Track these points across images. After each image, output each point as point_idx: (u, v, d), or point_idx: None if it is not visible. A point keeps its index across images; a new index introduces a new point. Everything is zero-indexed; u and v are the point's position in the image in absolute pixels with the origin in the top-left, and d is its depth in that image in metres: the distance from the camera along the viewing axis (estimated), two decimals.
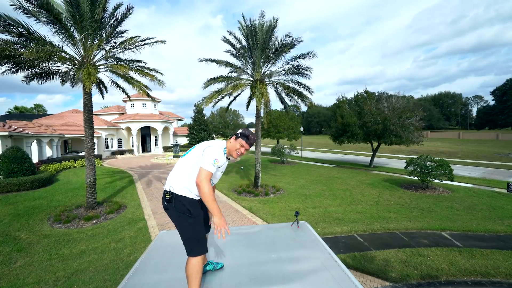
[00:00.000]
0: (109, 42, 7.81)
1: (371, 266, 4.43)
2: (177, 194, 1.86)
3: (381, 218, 6.96)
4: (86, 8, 6.96)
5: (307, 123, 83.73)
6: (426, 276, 4.13)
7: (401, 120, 13.84)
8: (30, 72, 7.75)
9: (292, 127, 30.20)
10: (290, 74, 10.57)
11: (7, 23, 6.23)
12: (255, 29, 9.65)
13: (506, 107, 63.15)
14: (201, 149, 1.92)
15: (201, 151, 1.90)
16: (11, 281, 4.31)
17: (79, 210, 7.93)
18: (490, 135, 44.19)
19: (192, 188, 1.88)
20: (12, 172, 10.83)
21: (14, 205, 8.55)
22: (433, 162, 9.35)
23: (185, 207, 1.86)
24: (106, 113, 31.96)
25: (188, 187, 1.88)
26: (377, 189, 10.27)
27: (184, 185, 1.88)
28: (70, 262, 4.90)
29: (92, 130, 7.87)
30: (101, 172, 15.35)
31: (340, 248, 5.20)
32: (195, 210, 1.90)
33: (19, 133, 13.91)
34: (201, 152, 1.90)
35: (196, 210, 1.91)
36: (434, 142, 36.35)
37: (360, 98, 17.09)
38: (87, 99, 7.68)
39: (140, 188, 11.28)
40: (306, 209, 7.92)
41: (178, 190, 1.87)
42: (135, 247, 5.48)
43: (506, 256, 4.64)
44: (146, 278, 1.94)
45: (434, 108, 76.82)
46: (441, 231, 5.93)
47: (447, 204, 8.11)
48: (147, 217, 7.36)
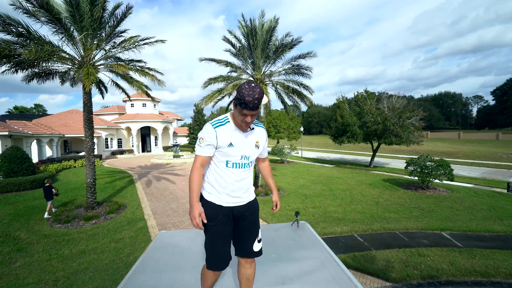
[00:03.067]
0: (108, 41, 7.80)
1: (371, 266, 4.43)
2: (201, 194, 1.69)
3: (381, 218, 6.96)
4: (85, 7, 6.95)
5: (307, 123, 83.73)
6: (426, 276, 4.12)
7: (401, 120, 13.84)
8: (30, 72, 7.74)
9: (292, 127, 30.21)
10: (290, 74, 10.55)
11: (7, 22, 6.22)
12: (255, 29, 9.64)
13: (506, 107, 63.16)
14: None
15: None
16: (11, 281, 4.30)
17: (79, 210, 7.92)
18: (490, 135, 44.15)
19: (207, 187, 1.69)
20: (12, 172, 10.82)
21: (14, 205, 8.54)
22: (433, 162, 9.34)
23: (204, 210, 1.63)
24: (106, 113, 31.96)
25: (204, 186, 1.70)
26: (377, 189, 10.26)
27: (203, 184, 1.70)
28: (69, 262, 4.90)
29: (92, 130, 7.86)
30: (101, 172, 15.34)
31: (340, 248, 5.19)
32: (210, 215, 1.60)
33: (19, 133, 13.90)
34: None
35: (212, 215, 1.61)
36: (434, 142, 36.36)
37: (360, 98, 17.09)
38: (87, 99, 7.68)
39: (140, 188, 11.27)
40: (306, 209, 7.92)
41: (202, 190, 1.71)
42: (135, 247, 5.47)
43: (506, 256, 4.64)
44: (146, 278, 1.93)
45: (434, 108, 76.88)
46: (441, 231, 5.93)
47: (447, 204, 8.10)
48: (147, 217, 7.35)
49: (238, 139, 1.61)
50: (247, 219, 1.74)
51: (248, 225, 1.74)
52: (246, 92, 1.39)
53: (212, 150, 1.58)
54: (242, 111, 1.45)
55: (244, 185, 1.68)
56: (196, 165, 1.60)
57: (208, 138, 1.55)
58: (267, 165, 2.01)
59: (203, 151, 1.58)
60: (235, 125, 1.60)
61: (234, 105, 1.51)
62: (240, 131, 1.61)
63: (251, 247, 1.72)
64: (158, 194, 10.16)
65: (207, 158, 1.61)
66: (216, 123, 1.58)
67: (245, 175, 1.68)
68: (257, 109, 1.44)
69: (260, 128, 1.74)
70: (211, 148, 1.58)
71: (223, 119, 1.61)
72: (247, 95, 1.38)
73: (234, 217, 1.69)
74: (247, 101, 1.39)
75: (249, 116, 1.47)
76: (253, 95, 1.39)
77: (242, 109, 1.44)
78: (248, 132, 1.65)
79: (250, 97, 1.39)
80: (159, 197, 9.69)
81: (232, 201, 1.66)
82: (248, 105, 1.40)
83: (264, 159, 1.97)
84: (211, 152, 1.60)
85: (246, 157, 1.65)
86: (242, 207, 1.70)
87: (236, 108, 1.50)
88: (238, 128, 1.60)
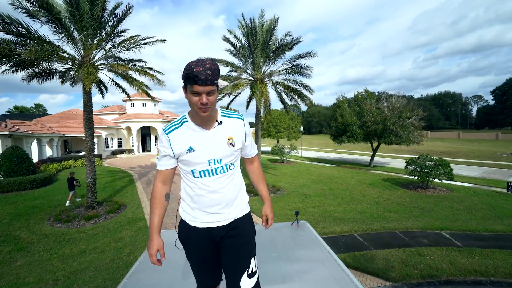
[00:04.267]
0: (109, 41, 7.80)
1: (371, 266, 4.43)
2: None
3: (381, 217, 6.96)
4: (85, 7, 6.94)
5: (307, 123, 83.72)
6: (426, 276, 4.13)
7: (401, 120, 13.84)
8: (30, 72, 7.74)
9: (292, 126, 30.22)
10: (290, 74, 10.56)
11: (7, 22, 6.22)
12: (255, 29, 9.63)
13: (506, 107, 63.14)
14: None
15: None
16: (11, 280, 4.31)
17: (79, 209, 7.93)
18: (490, 135, 44.12)
19: (182, 203, 1.41)
20: (12, 172, 10.83)
21: (14, 204, 8.55)
22: (433, 162, 9.35)
23: (178, 231, 1.42)
24: (106, 113, 31.94)
25: (180, 202, 1.44)
26: (377, 189, 10.27)
27: (180, 200, 1.46)
28: (70, 262, 4.90)
29: (92, 129, 7.86)
30: (101, 171, 15.34)
31: (340, 247, 5.20)
32: (183, 238, 1.38)
33: (19, 133, 13.90)
34: None
35: (184, 238, 1.37)
36: (434, 141, 36.35)
37: (360, 97, 17.09)
38: (87, 99, 7.68)
39: (140, 188, 11.28)
40: (306, 208, 7.92)
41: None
42: (135, 246, 5.48)
43: (505, 256, 4.64)
44: (146, 277, 1.94)
45: (434, 108, 76.85)
46: (441, 231, 5.93)
47: (447, 203, 8.11)
48: (147, 217, 7.36)
49: (200, 140, 1.26)
50: (233, 244, 1.35)
51: (234, 253, 1.34)
52: (194, 63, 1.09)
53: (170, 161, 1.30)
54: (192, 89, 1.11)
55: (221, 198, 1.32)
56: (156, 182, 1.34)
57: (162, 147, 1.28)
58: (256, 167, 1.58)
59: (160, 163, 1.32)
60: (194, 123, 1.26)
61: (184, 89, 1.18)
62: (202, 128, 1.26)
63: (237, 283, 1.30)
64: None
65: (168, 172, 1.32)
66: (169, 126, 1.29)
67: (221, 185, 1.31)
68: (212, 83, 1.10)
69: (233, 120, 1.35)
70: (168, 159, 1.29)
71: (178, 120, 1.31)
72: (195, 65, 1.08)
73: (214, 241, 1.35)
74: (196, 72, 1.06)
75: (204, 95, 1.11)
76: (203, 65, 1.08)
77: (191, 86, 1.10)
78: (215, 128, 1.28)
79: (200, 67, 1.07)
80: None
81: (210, 220, 1.33)
82: (198, 77, 1.06)
83: (252, 160, 1.56)
84: (171, 164, 1.31)
85: (216, 160, 1.29)
86: (224, 227, 1.35)
87: (187, 91, 1.16)
88: (199, 125, 1.26)
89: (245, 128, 1.40)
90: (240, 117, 1.39)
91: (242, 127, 1.38)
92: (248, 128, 1.43)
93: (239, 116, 1.39)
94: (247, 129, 1.42)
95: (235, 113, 1.39)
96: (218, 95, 7.44)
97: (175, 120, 1.32)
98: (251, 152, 1.52)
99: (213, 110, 1.23)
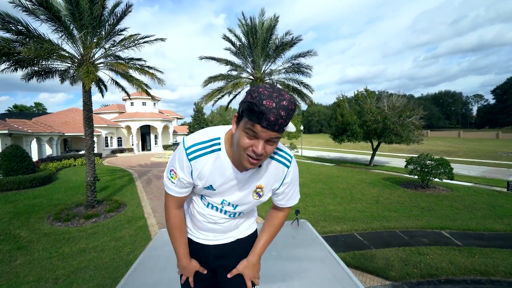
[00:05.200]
0: (108, 40, 7.78)
1: (371, 265, 4.43)
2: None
3: (381, 216, 6.96)
4: (85, 5, 6.92)
5: (307, 122, 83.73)
6: (426, 275, 4.13)
7: (401, 119, 13.83)
8: (30, 70, 7.72)
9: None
10: (290, 73, 10.56)
11: (6, 20, 6.20)
12: (255, 27, 9.62)
13: (506, 106, 63.12)
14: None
15: None
16: (11, 279, 4.31)
17: (79, 208, 7.93)
18: (490, 134, 44.14)
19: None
20: (12, 171, 10.82)
21: (14, 203, 8.55)
22: (433, 161, 9.34)
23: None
24: (106, 112, 31.93)
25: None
26: (377, 188, 10.27)
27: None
28: (70, 260, 4.90)
29: (91, 128, 7.85)
30: (101, 170, 15.34)
31: (340, 246, 5.20)
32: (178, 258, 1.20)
33: (19, 132, 13.89)
34: None
35: (179, 258, 1.19)
36: (434, 141, 36.34)
37: (360, 97, 17.07)
38: (86, 98, 7.66)
39: (140, 187, 11.28)
40: (306, 207, 7.92)
41: None
42: (135, 245, 5.48)
43: (505, 255, 4.64)
44: (145, 276, 1.93)
45: (434, 107, 76.83)
46: (441, 230, 5.93)
47: (447, 203, 8.10)
48: (147, 216, 7.36)
49: (226, 182, 1.00)
50: (229, 265, 1.19)
51: (232, 277, 1.17)
52: (266, 93, 0.74)
53: (188, 188, 1.05)
54: (251, 128, 0.77)
55: (220, 229, 1.17)
56: (170, 210, 1.10)
57: (181, 174, 0.98)
58: (281, 216, 1.20)
59: (176, 190, 1.03)
60: (228, 157, 0.96)
61: (236, 119, 0.86)
62: (235, 169, 0.97)
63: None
64: (158, 192, 10.17)
65: (184, 198, 1.08)
66: (196, 149, 0.94)
67: (226, 223, 1.16)
68: (280, 130, 0.78)
69: (276, 164, 1.01)
70: (186, 187, 1.04)
71: (211, 142, 0.95)
72: (268, 97, 0.73)
73: (207, 258, 1.20)
74: (267, 107, 0.73)
75: (262, 142, 0.80)
76: (278, 100, 0.74)
77: (253, 124, 0.77)
78: (249, 171, 0.99)
79: (274, 102, 0.73)
80: (159, 195, 9.70)
81: (203, 237, 1.20)
82: (267, 117, 0.73)
83: (279, 209, 1.18)
84: (188, 191, 1.06)
85: (232, 204, 1.07)
86: (222, 246, 1.19)
87: (239, 125, 0.83)
88: (232, 163, 0.96)
89: (287, 175, 1.04)
90: (286, 162, 1.02)
91: (282, 175, 1.03)
92: (292, 174, 1.05)
93: (286, 160, 1.02)
94: (291, 176, 1.05)
95: (283, 153, 1.02)
96: (218, 94, 7.14)
97: (204, 141, 0.95)
98: (283, 202, 1.13)
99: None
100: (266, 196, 1.08)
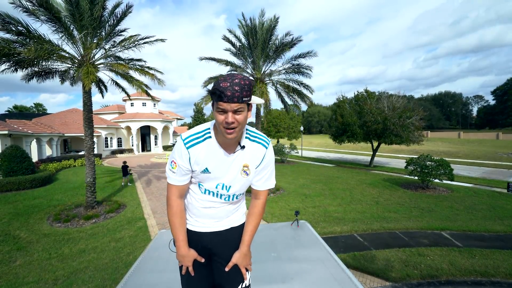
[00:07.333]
0: (108, 40, 7.78)
1: (371, 266, 4.42)
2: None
3: (381, 217, 6.95)
4: (85, 6, 6.93)
5: (307, 123, 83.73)
6: (426, 276, 4.12)
7: (401, 120, 13.83)
8: (30, 71, 7.73)
9: (292, 126, 30.22)
10: (290, 73, 10.55)
11: (6, 21, 6.21)
12: (255, 28, 9.63)
13: (506, 107, 63.14)
14: None
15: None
16: (10, 280, 4.30)
17: (78, 209, 7.92)
18: (491, 135, 44.12)
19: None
20: (12, 171, 10.82)
21: (13, 204, 8.54)
22: (433, 162, 9.34)
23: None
24: (105, 112, 31.95)
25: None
26: (377, 189, 10.26)
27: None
28: (69, 261, 4.90)
29: (91, 129, 7.85)
30: (100, 171, 15.33)
31: (340, 247, 5.19)
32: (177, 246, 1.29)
33: (19, 132, 13.89)
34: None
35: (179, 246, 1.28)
36: (434, 141, 36.34)
37: (361, 97, 17.07)
38: (86, 98, 7.67)
39: (139, 187, 11.27)
40: (306, 208, 7.91)
41: None
42: (135, 246, 5.47)
43: (505, 256, 4.63)
44: (145, 277, 1.93)
45: (435, 107, 76.89)
46: (441, 231, 5.92)
47: (447, 204, 8.10)
48: (147, 216, 7.35)
49: (218, 164, 1.18)
50: (224, 252, 1.32)
51: (224, 264, 1.30)
52: (222, 78, 1.01)
53: (187, 176, 1.21)
54: (218, 106, 1.01)
55: (215, 214, 1.29)
56: (172, 198, 1.24)
57: (180, 162, 1.16)
58: (259, 204, 1.33)
59: (177, 179, 1.20)
60: (217, 142, 1.16)
61: (213, 106, 1.08)
62: (224, 151, 1.17)
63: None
64: (158, 193, 10.16)
65: (185, 186, 1.24)
66: (190, 139, 1.15)
67: (220, 207, 1.28)
68: (240, 101, 1.00)
69: (256, 145, 1.22)
70: (186, 175, 1.20)
71: (201, 132, 1.18)
72: (222, 80, 0.99)
73: (204, 247, 1.31)
74: (223, 87, 0.97)
75: (230, 113, 1.01)
76: (231, 80, 0.99)
77: (217, 102, 1.01)
78: (236, 153, 1.18)
79: (228, 82, 0.98)
80: (159, 196, 9.69)
81: (199, 225, 1.31)
82: (224, 93, 0.97)
83: (258, 194, 1.33)
84: (188, 179, 1.22)
85: (225, 186, 1.22)
86: (217, 234, 1.30)
87: (214, 109, 1.06)
88: (221, 146, 1.16)
89: (265, 155, 1.23)
90: (264, 143, 1.23)
91: (261, 154, 1.22)
92: (269, 156, 1.25)
93: (265, 141, 1.23)
94: (268, 157, 1.25)
95: (261, 137, 1.24)
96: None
97: (197, 132, 1.18)
98: (263, 184, 1.30)
99: (240, 131, 1.09)
100: (251, 175, 1.25)
